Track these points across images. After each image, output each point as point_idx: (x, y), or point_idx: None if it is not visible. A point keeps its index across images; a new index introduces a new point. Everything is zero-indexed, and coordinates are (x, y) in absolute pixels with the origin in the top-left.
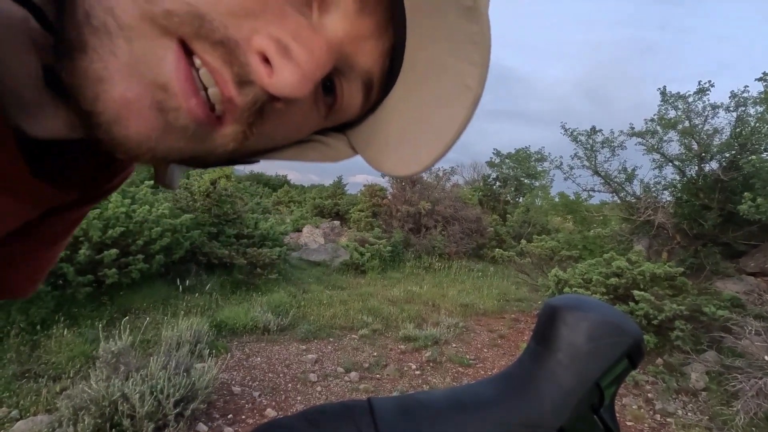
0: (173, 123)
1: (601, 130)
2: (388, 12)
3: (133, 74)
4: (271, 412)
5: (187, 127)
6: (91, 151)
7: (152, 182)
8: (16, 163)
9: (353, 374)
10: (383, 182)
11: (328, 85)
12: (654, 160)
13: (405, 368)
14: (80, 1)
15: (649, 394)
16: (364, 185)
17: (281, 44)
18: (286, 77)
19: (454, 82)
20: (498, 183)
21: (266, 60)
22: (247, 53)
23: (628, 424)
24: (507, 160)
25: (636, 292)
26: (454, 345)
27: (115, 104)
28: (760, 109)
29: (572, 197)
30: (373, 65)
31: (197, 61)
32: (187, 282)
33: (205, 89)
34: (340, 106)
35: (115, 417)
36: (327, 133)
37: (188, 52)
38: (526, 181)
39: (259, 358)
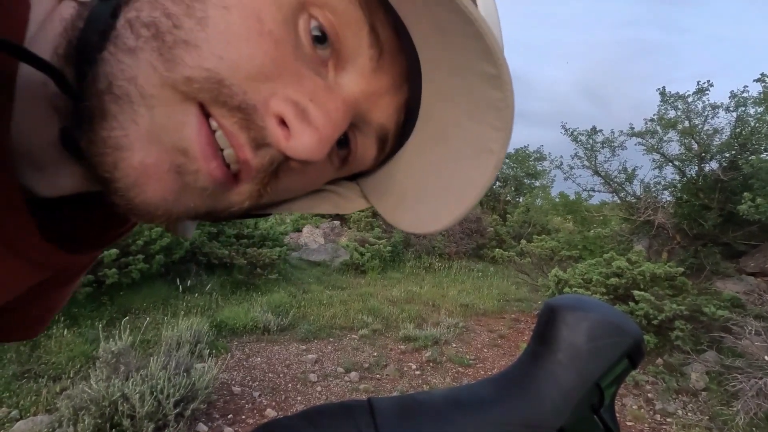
0: (191, 185)
1: (601, 130)
2: (404, 69)
3: (153, 141)
4: (271, 412)
5: (206, 188)
6: (101, 204)
7: None
8: (28, 228)
9: (353, 374)
10: None
11: (342, 139)
12: (654, 160)
13: (405, 368)
14: (102, 70)
15: (649, 394)
16: None
17: (299, 107)
18: (304, 141)
19: (476, 144)
20: (498, 183)
21: (283, 122)
22: (264, 117)
23: (628, 424)
24: (507, 160)
25: (636, 292)
26: (454, 345)
27: (134, 171)
28: (759, 109)
29: (572, 197)
30: (388, 120)
31: (213, 124)
32: (187, 282)
33: (222, 150)
34: (354, 159)
35: (115, 417)
36: (339, 182)
37: (206, 115)
38: (526, 180)
39: (259, 358)
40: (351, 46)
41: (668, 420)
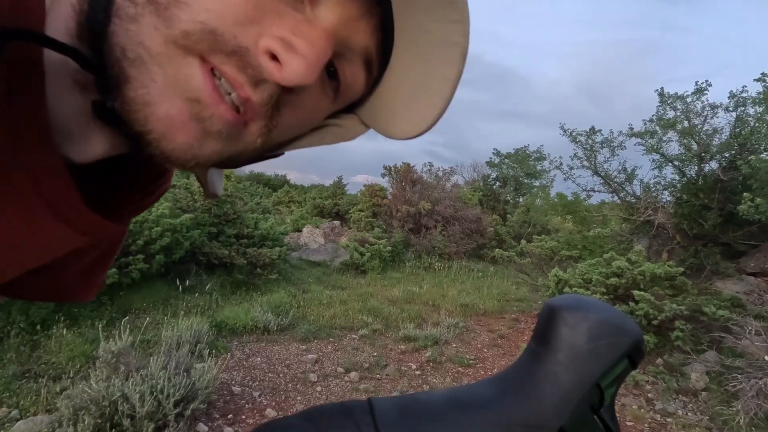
0: (209, 129)
1: (600, 131)
2: None
3: (171, 94)
4: (271, 412)
5: (221, 131)
6: (130, 173)
7: None
8: (71, 192)
9: (353, 374)
10: (383, 182)
11: (331, 71)
12: (654, 160)
13: (405, 368)
14: (114, 41)
15: (649, 394)
16: (364, 185)
17: (285, 41)
18: (294, 68)
19: (442, 41)
20: (498, 183)
21: (274, 57)
22: (257, 56)
23: (628, 424)
24: (507, 160)
25: (636, 292)
26: (454, 345)
27: (162, 122)
28: (759, 109)
29: (571, 197)
30: (368, 42)
31: (216, 72)
32: (187, 282)
33: (229, 94)
34: (346, 88)
35: (115, 417)
36: (338, 115)
37: (209, 65)
38: (525, 180)
39: (259, 358)
40: None
41: (668, 420)
